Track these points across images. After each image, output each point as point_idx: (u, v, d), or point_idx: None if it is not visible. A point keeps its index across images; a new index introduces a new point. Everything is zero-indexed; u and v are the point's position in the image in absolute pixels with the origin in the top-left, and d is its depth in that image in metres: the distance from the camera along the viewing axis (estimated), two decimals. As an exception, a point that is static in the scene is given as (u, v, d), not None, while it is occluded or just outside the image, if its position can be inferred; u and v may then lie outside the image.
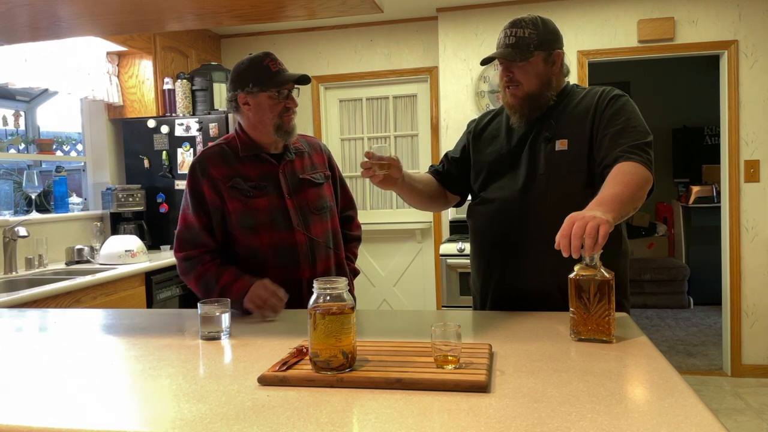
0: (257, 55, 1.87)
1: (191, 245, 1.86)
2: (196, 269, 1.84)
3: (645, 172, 1.57)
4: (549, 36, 1.74)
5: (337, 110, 4.93)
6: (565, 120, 1.75)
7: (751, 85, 4.02)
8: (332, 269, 1.98)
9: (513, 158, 1.80)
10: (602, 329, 1.32)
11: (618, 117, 1.68)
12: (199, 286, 1.85)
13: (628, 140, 1.62)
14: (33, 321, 1.81)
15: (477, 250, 1.89)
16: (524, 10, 4.28)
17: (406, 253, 4.83)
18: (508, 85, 1.76)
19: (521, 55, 1.71)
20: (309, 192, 1.93)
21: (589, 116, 1.72)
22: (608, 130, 1.67)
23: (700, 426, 0.87)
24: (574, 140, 1.72)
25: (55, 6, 1.62)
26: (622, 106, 1.71)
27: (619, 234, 1.75)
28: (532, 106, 1.76)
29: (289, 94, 1.88)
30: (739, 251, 4.09)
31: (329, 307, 1.12)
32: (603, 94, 1.74)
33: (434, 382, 1.06)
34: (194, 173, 1.88)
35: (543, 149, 1.74)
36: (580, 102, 1.77)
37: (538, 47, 1.72)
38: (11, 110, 3.70)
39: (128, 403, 1.05)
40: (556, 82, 1.78)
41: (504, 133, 1.85)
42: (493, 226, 1.82)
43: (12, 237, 3.14)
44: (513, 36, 1.72)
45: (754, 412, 3.44)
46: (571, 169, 1.71)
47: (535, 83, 1.73)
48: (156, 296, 3.37)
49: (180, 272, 1.89)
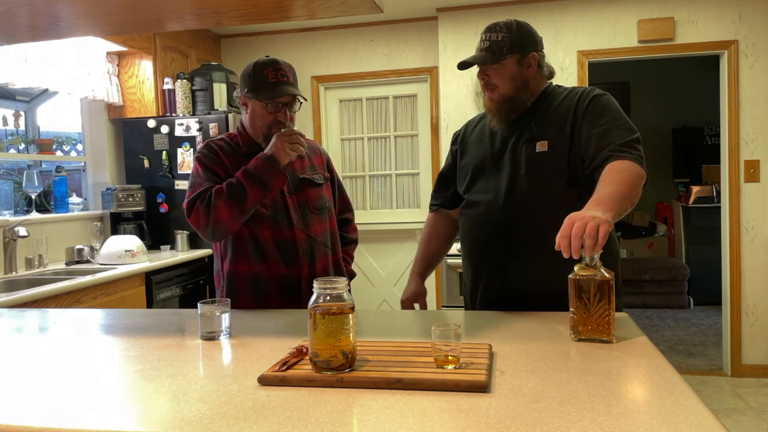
0: (263, 61, 1.88)
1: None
2: (210, 193, 1.77)
3: (637, 168, 1.57)
4: (523, 39, 1.76)
5: (337, 110, 4.93)
6: (546, 121, 1.76)
7: (751, 85, 4.02)
8: (330, 269, 2.00)
9: (496, 160, 1.81)
10: (602, 329, 1.32)
11: (602, 116, 1.68)
12: (222, 199, 1.74)
13: (616, 139, 1.62)
14: (33, 321, 1.81)
15: (465, 252, 1.92)
16: (524, 10, 4.28)
17: (406, 253, 4.83)
18: (485, 88, 1.80)
19: (493, 58, 1.74)
20: (309, 191, 1.95)
21: (569, 117, 1.72)
22: (593, 130, 1.67)
23: (700, 426, 0.87)
24: (554, 141, 1.72)
25: (55, 6, 1.62)
26: (604, 105, 1.71)
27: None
28: (509, 108, 1.78)
29: (282, 108, 1.86)
30: (739, 251, 4.09)
31: (329, 307, 1.12)
32: (583, 95, 1.75)
33: (434, 382, 1.06)
34: (206, 154, 1.88)
35: (524, 151, 1.75)
36: (560, 103, 1.77)
37: (511, 50, 1.74)
38: (11, 110, 3.70)
39: (128, 403, 1.05)
40: (533, 83, 1.79)
41: (488, 137, 1.87)
42: (478, 228, 1.84)
43: (12, 237, 3.14)
44: (487, 40, 1.77)
45: (754, 412, 3.44)
46: (552, 170, 1.71)
47: (509, 86, 1.76)
48: (156, 296, 3.37)
49: (202, 215, 1.76)
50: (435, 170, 4.68)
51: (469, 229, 1.87)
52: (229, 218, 1.76)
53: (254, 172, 1.76)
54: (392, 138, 4.87)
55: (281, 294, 1.89)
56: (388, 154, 4.89)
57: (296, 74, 1.93)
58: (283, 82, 1.85)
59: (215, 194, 1.76)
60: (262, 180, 1.76)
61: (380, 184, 4.93)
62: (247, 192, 1.75)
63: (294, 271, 1.88)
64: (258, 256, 1.87)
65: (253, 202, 1.77)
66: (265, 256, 1.87)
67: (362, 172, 4.92)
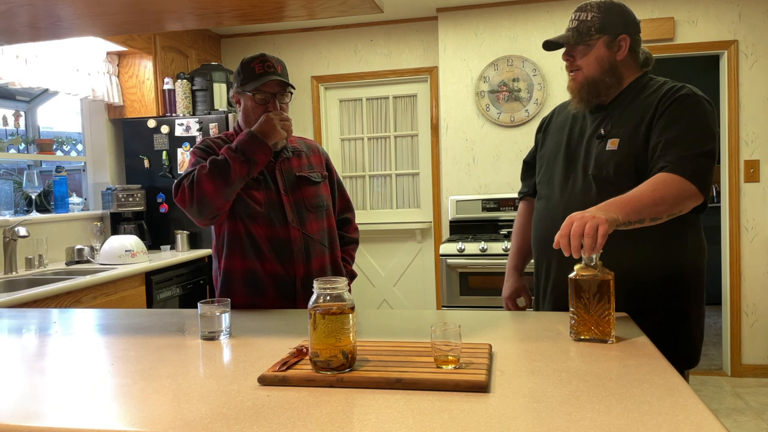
0: (251, 56, 1.89)
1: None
2: (195, 171, 1.77)
3: (684, 185, 1.47)
4: (614, 19, 1.66)
5: (337, 110, 4.93)
6: (625, 116, 1.64)
7: (751, 85, 4.02)
8: (327, 268, 1.98)
9: (569, 152, 1.73)
10: (602, 329, 1.32)
11: (677, 121, 1.55)
12: (206, 174, 1.74)
13: (678, 150, 1.51)
14: (33, 321, 1.81)
15: (532, 249, 1.85)
16: (524, 10, 4.28)
17: (406, 253, 4.83)
18: (569, 69, 1.71)
19: (579, 38, 1.66)
20: (305, 189, 1.95)
21: (647, 116, 1.60)
22: (662, 136, 1.55)
23: (700, 426, 0.87)
24: (626, 141, 1.61)
25: (55, 6, 1.62)
26: (685, 108, 1.57)
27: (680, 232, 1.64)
28: (592, 92, 1.67)
29: (272, 99, 1.86)
30: (739, 251, 4.09)
31: (329, 307, 1.12)
32: (669, 92, 1.61)
33: (434, 382, 1.06)
34: (201, 148, 1.89)
35: (596, 147, 1.66)
36: (646, 98, 1.64)
37: (600, 31, 1.65)
38: (11, 110, 3.70)
39: (128, 403, 1.05)
40: (623, 69, 1.68)
41: (569, 125, 1.77)
42: (537, 224, 1.79)
43: (12, 237, 3.14)
44: (576, 20, 1.67)
45: (754, 412, 3.44)
46: (617, 171, 1.60)
47: (594, 68, 1.66)
48: (156, 296, 3.37)
49: (187, 192, 1.76)
50: (435, 170, 4.68)
51: (534, 223, 1.82)
52: (213, 192, 1.75)
53: (238, 145, 1.77)
54: (392, 138, 4.87)
55: (276, 292, 1.88)
56: (388, 154, 4.89)
57: (286, 68, 1.92)
58: (270, 72, 1.85)
59: (199, 170, 1.77)
60: (245, 152, 1.76)
61: (380, 184, 4.93)
62: (231, 164, 1.74)
63: (289, 270, 1.88)
64: (253, 253, 1.87)
65: (237, 175, 1.75)
66: (260, 253, 1.86)
67: (362, 172, 4.92)
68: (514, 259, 1.99)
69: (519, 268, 1.98)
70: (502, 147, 4.39)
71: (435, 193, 4.69)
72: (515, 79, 4.33)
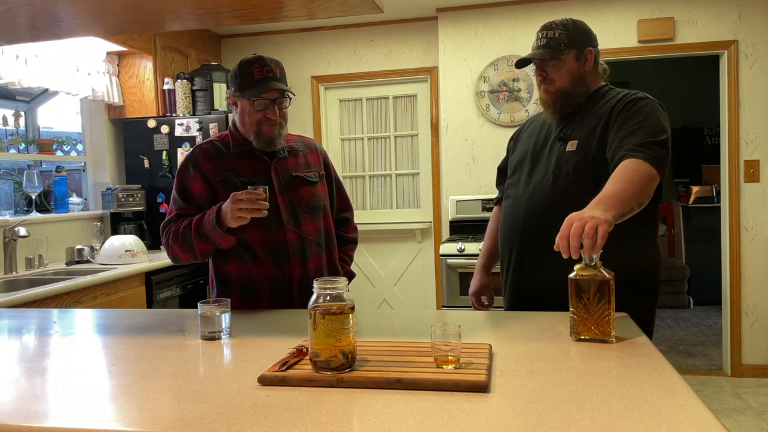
0: (249, 59, 1.86)
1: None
2: (171, 230, 1.86)
3: (648, 168, 1.57)
4: (579, 35, 1.82)
5: (337, 110, 4.93)
6: (585, 121, 1.79)
7: (751, 85, 4.02)
8: (324, 269, 1.96)
9: (535, 156, 1.87)
10: (602, 329, 1.32)
11: (632, 119, 1.69)
12: (177, 243, 1.84)
13: (636, 139, 1.63)
14: (33, 321, 1.81)
15: (499, 245, 1.97)
16: (524, 10, 4.28)
17: (406, 253, 4.83)
18: (542, 83, 1.85)
19: (552, 54, 1.80)
20: (301, 190, 1.93)
21: (604, 119, 1.74)
22: (620, 132, 1.68)
23: (700, 426, 0.87)
24: (584, 141, 1.75)
25: (55, 6, 1.62)
26: (639, 108, 1.71)
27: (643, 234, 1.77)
28: (564, 102, 1.82)
29: (270, 105, 1.84)
30: (739, 251, 4.09)
31: (329, 307, 1.12)
32: (624, 97, 1.76)
33: (434, 382, 1.06)
34: (185, 170, 1.90)
35: (557, 149, 1.80)
36: (605, 104, 1.79)
37: (569, 46, 1.80)
38: (11, 110, 3.70)
39: (128, 403, 1.05)
40: (589, 79, 1.84)
41: (536, 132, 1.92)
42: (504, 222, 1.91)
43: (12, 237, 3.14)
44: (544, 38, 1.82)
45: (754, 412, 3.44)
46: (576, 170, 1.73)
47: (566, 80, 1.81)
48: (156, 296, 3.37)
49: (165, 246, 1.89)
50: (435, 170, 4.68)
51: (501, 223, 1.94)
52: (185, 258, 1.88)
53: (202, 228, 1.80)
54: (392, 138, 4.87)
55: (272, 294, 1.86)
56: (388, 154, 4.89)
57: (284, 69, 1.89)
58: (269, 78, 1.83)
59: (172, 236, 1.86)
60: (208, 237, 1.80)
61: (380, 184, 4.93)
62: (194, 244, 1.82)
63: (285, 272, 1.86)
64: (247, 255, 1.85)
65: (202, 252, 1.84)
66: (255, 256, 1.85)
67: (362, 172, 4.92)
68: (483, 258, 2.13)
69: (486, 267, 2.12)
70: (502, 147, 4.36)
71: (435, 193, 4.69)
72: (515, 79, 4.33)
